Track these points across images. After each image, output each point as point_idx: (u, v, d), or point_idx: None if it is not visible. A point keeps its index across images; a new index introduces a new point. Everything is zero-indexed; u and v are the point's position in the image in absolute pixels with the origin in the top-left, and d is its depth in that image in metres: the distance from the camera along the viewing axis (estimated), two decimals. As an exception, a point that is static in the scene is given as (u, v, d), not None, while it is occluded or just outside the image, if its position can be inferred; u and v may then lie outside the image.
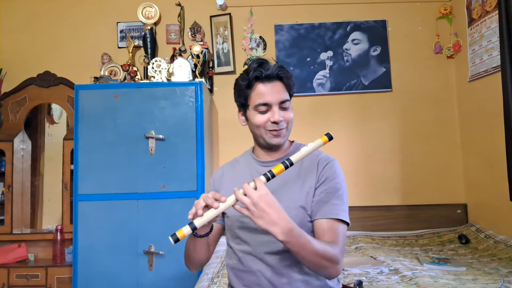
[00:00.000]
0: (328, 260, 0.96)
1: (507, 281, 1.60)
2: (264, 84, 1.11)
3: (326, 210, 1.06)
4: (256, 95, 1.12)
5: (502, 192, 2.18)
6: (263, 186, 0.93)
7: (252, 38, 2.87)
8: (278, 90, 1.12)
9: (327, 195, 1.09)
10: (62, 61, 2.85)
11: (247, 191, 0.92)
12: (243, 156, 1.28)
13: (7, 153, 2.68)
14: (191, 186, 2.20)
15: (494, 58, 2.31)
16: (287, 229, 0.91)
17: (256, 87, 1.12)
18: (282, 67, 1.15)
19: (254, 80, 1.12)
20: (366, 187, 2.78)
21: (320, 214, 1.07)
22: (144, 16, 2.76)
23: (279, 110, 1.12)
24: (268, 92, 1.11)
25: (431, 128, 2.81)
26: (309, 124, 2.81)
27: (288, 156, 1.16)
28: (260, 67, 1.11)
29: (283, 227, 0.90)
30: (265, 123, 1.12)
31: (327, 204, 1.07)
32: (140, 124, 2.24)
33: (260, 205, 0.90)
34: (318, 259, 0.95)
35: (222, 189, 1.21)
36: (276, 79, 1.12)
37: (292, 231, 0.91)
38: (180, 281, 2.13)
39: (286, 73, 1.15)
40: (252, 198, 0.90)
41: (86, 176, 2.22)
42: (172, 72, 2.43)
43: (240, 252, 1.13)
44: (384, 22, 2.86)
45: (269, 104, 1.11)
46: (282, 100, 1.12)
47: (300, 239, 0.93)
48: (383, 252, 2.13)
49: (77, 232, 2.19)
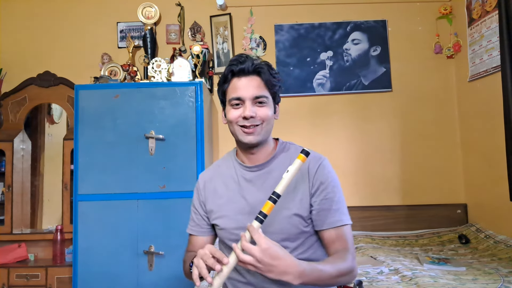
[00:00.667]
0: (344, 275, 0.98)
1: (507, 281, 1.60)
2: (239, 79, 1.09)
3: (330, 220, 1.06)
4: (231, 90, 1.10)
5: (502, 192, 2.18)
6: (262, 239, 0.87)
7: (252, 38, 2.87)
8: (254, 85, 1.08)
9: (327, 202, 1.07)
10: (62, 61, 2.85)
11: (248, 249, 0.86)
12: (224, 160, 1.23)
13: (7, 153, 2.68)
14: (191, 186, 2.16)
15: (494, 58, 2.30)
16: (299, 273, 0.88)
17: (231, 81, 1.10)
18: (264, 64, 1.11)
19: (230, 75, 1.10)
20: (366, 187, 2.78)
21: (326, 225, 1.06)
22: (144, 16, 2.76)
23: (253, 106, 1.07)
24: (242, 87, 1.08)
25: (431, 128, 2.81)
26: (309, 124, 2.81)
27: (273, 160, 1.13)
28: (235, 61, 1.10)
29: (295, 272, 0.88)
30: (237, 118, 1.08)
31: (329, 212, 1.06)
32: (140, 124, 2.24)
33: (265, 261, 0.85)
34: (334, 280, 0.97)
35: (209, 200, 1.17)
36: (253, 74, 1.09)
37: (304, 272, 0.89)
38: (180, 281, 2.13)
39: (266, 69, 1.10)
40: (255, 256, 0.85)
41: (86, 176, 2.22)
42: (172, 72, 2.43)
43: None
44: (384, 22, 2.86)
45: (242, 98, 1.07)
46: (256, 95, 1.08)
47: (314, 274, 0.91)
48: (383, 252, 2.13)
49: (77, 232, 2.19)
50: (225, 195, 1.15)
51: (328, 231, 1.06)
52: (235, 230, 1.09)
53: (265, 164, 1.13)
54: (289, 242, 1.07)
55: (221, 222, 1.13)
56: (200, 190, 1.21)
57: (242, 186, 1.13)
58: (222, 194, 1.16)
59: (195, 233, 1.21)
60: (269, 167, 1.13)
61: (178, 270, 2.14)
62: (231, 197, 1.14)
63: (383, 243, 2.43)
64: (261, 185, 1.11)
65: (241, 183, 1.14)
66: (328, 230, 1.06)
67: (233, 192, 1.14)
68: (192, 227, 1.22)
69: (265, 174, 1.12)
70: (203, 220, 1.20)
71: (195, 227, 1.21)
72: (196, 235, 1.21)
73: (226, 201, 1.14)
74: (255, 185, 1.12)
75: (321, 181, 1.08)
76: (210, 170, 1.25)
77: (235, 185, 1.15)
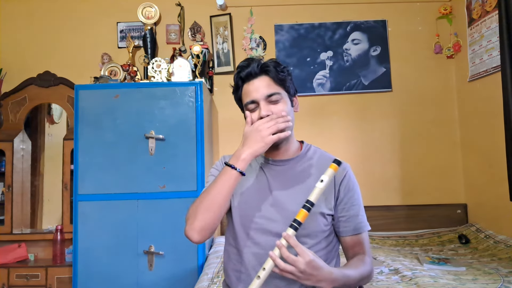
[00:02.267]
0: (365, 278, 1.06)
1: (507, 281, 1.60)
2: (249, 83, 1.12)
3: (354, 227, 1.12)
4: (244, 95, 1.13)
5: (502, 192, 2.18)
6: (305, 252, 0.91)
7: (252, 38, 2.87)
8: (264, 84, 1.10)
9: (353, 209, 1.12)
10: (62, 61, 2.85)
11: (292, 261, 0.90)
12: None
13: (7, 153, 2.68)
14: (191, 186, 2.20)
15: (494, 58, 2.31)
16: (332, 280, 0.94)
17: (243, 88, 1.14)
18: (270, 62, 1.12)
19: (240, 82, 1.14)
20: (366, 187, 2.78)
21: (349, 232, 1.12)
22: (144, 16, 2.76)
23: (267, 104, 1.10)
24: (253, 89, 1.10)
25: (431, 128, 2.81)
26: (309, 124, 2.81)
27: (299, 159, 1.16)
28: (240, 68, 1.13)
29: (328, 280, 0.94)
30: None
31: (356, 219, 1.12)
32: (140, 124, 2.24)
33: (308, 272, 0.91)
34: (357, 283, 1.04)
35: None
36: (261, 75, 1.11)
37: (337, 279, 0.95)
38: (180, 281, 2.13)
39: (272, 67, 1.11)
40: (299, 268, 0.90)
41: (86, 176, 2.22)
42: (172, 72, 2.43)
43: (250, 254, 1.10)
44: (384, 22, 2.86)
45: (255, 100, 1.10)
46: (268, 94, 1.09)
47: (343, 280, 0.98)
48: (383, 252, 2.13)
49: (77, 232, 2.19)
50: (249, 182, 1.16)
51: (351, 237, 1.12)
52: (256, 219, 1.10)
53: (290, 161, 1.16)
54: (309, 239, 1.09)
55: (243, 208, 1.13)
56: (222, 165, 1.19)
57: (267, 178, 1.15)
58: (246, 181, 1.16)
59: None
60: (295, 164, 1.16)
61: (178, 270, 2.15)
62: (255, 185, 1.15)
63: (383, 243, 2.43)
64: (286, 180, 1.13)
65: (266, 175, 1.15)
66: (350, 236, 1.12)
67: (257, 181, 1.15)
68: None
69: (290, 170, 1.15)
70: None
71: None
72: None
73: (250, 188, 1.15)
74: (279, 179, 1.14)
75: (349, 189, 1.14)
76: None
77: (260, 176, 1.16)
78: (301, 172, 1.14)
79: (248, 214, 1.12)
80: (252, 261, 1.09)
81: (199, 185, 2.20)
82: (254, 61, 1.13)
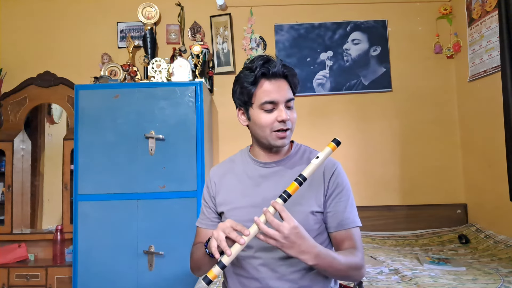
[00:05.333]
0: (353, 269, 1.02)
1: (507, 281, 1.60)
2: (270, 82, 1.08)
3: (343, 222, 1.09)
4: (262, 93, 1.08)
5: (502, 192, 2.18)
6: (290, 218, 0.91)
7: (252, 38, 2.87)
8: (284, 88, 1.09)
9: (341, 204, 1.10)
10: (62, 61, 2.85)
11: (276, 225, 0.90)
12: (239, 155, 1.24)
13: (7, 153, 2.68)
14: (191, 186, 2.20)
15: (494, 58, 2.30)
16: (315, 255, 0.93)
17: (262, 84, 1.08)
18: (286, 65, 1.12)
19: (260, 77, 1.08)
20: (366, 187, 2.78)
21: (338, 227, 1.10)
22: (144, 16, 2.76)
23: (285, 109, 1.09)
24: (275, 90, 1.07)
25: (431, 128, 2.81)
26: (309, 124, 2.81)
27: (289, 159, 1.16)
28: (266, 64, 1.08)
29: (312, 253, 0.93)
30: (272, 123, 1.08)
31: (342, 215, 1.10)
32: (140, 124, 2.24)
33: (291, 238, 0.90)
34: (344, 271, 1.01)
35: (220, 193, 1.18)
36: (282, 77, 1.10)
37: (320, 254, 0.94)
38: (180, 281, 2.13)
39: (291, 71, 1.12)
40: (283, 233, 0.90)
41: (86, 176, 2.22)
42: (172, 72, 2.43)
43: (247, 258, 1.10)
44: (384, 22, 2.86)
45: (276, 102, 1.07)
46: (288, 98, 1.09)
47: (328, 259, 0.96)
48: (383, 252, 2.13)
49: (77, 232, 2.19)
50: (238, 188, 1.16)
51: (339, 232, 1.10)
52: (247, 223, 1.09)
53: (281, 161, 1.15)
54: None
55: (233, 214, 1.13)
56: (211, 184, 1.21)
57: (257, 180, 1.15)
58: (235, 188, 1.16)
59: (205, 226, 1.21)
60: (285, 165, 1.15)
61: (178, 270, 2.15)
62: (244, 190, 1.15)
63: (383, 243, 2.43)
64: (277, 180, 1.13)
65: (255, 178, 1.15)
66: (339, 231, 1.10)
67: (247, 186, 1.15)
68: (201, 220, 1.22)
69: (281, 170, 1.14)
70: (213, 213, 1.21)
71: (205, 220, 1.21)
72: (205, 228, 1.21)
73: (240, 194, 1.15)
74: (270, 180, 1.14)
75: (337, 184, 1.12)
76: (222, 165, 1.26)
77: (249, 180, 1.16)
78: (291, 172, 1.13)
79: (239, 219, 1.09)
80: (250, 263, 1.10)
81: (199, 185, 2.20)
82: (277, 60, 1.10)
